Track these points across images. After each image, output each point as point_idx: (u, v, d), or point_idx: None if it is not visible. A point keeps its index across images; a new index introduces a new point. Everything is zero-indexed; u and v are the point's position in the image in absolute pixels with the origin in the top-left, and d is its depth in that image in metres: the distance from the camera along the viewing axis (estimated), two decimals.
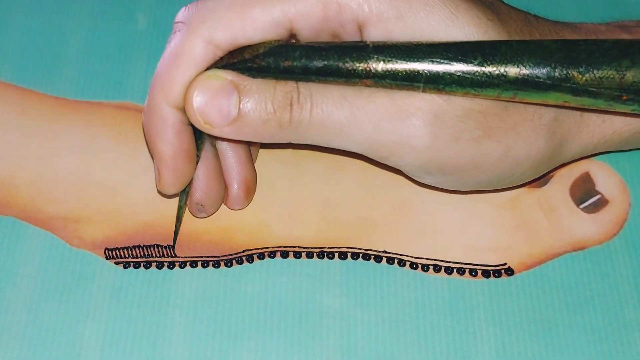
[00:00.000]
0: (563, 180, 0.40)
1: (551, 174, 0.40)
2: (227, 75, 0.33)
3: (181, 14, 0.33)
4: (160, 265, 0.37)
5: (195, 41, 0.32)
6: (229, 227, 0.39)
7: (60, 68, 0.43)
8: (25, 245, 0.38)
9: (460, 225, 0.39)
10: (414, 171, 0.35)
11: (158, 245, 0.38)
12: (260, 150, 0.41)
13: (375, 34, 0.32)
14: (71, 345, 0.35)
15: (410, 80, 0.32)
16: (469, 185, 0.36)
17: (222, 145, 0.37)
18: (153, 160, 0.35)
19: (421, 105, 0.32)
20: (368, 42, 0.32)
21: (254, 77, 0.33)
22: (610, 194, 0.40)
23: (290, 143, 0.35)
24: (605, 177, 0.40)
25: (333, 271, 0.38)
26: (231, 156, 0.37)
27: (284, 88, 0.33)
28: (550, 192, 0.40)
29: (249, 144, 0.38)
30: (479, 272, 0.38)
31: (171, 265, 0.37)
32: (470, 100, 0.33)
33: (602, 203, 0.40)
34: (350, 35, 0.33)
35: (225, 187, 0.38)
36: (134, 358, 0.35)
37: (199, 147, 0.35)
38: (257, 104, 0.33)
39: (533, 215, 0.39)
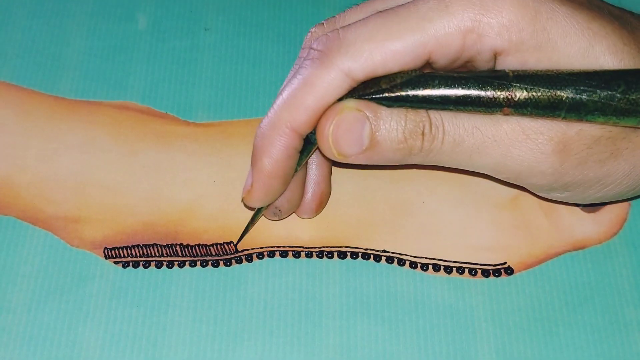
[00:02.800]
0: None
1: None
2: (360, 106, 0.33)
3: (320, 43, 0.33)
4: (159, 265, 0.37)
5: (333, 73, 0.32)
6: (228, 226, 0.39)
7: (61, 68, 0.43)
8: (25, 245, 0.38)
9: (460, 224, 0.39)
10: (538, 190, 0.36)
11: (157, 245, 0.38)
12: None
13: (511, 62, 0.33)
14: (71, 344, 0.35)
15: (552, 109, 0.32)
16: (591, 199, 0.36)
17: (311, 157, 0.38)
18: (251, 171, 0.35)
19: (551, 135, 0.33)
20: (507, 71, 0.32)
21: (389, 106, 0.33)
22: None
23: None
24: None
25: (332, 271, 0.38)
26: (315, 169, 0.38)
27: (416, 117, 0.33)
28: None
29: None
30: (479, 271, 0.38)
31: (170, 265, 0.38)
32: (600, 128, 0.33)
33: (601, 203, 0.40)
34: (483, 62, 0.33)
35: (302, 195, 0.38)
36: (133, 357, 0.35)
37: (299, 164, 0.35)
38: (389, 133, 0.33)
39: (533, 214, 0.39)
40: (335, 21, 0.36)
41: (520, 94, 0.32)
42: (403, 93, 0.33)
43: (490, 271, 0.38)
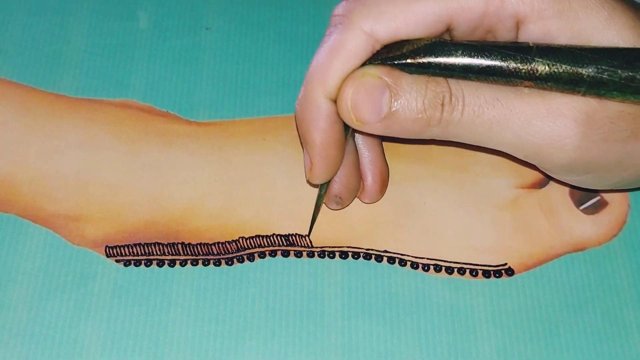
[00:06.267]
0: None
1: None
2: (380, 73, 0.33)
3: (341, 7, 0.33)
4: (161, 264, 0.37)
5: (356, 34, 0.32)
6: (230, 225, 0.39)
7: (62, 66, 0.43)
8: (26, 243, 0.38)
9: (461, 225, 0.39)
10: (557, 170, 0.35)
11: (159, 244, 0.38)
12: (260, 150, 0.41)
13: (533, 31, 0.33)
14: (72, 343, 0.35)
15: (572, 85, 0.32)
16: (609, 184, 0.36)
17: (359, 140, 0.38)
18: (304, 150, 0.35)
19: (575, 105, 0.33)
20: (531, 44, 0.32)
21: (411, 73, 0.33)
22: (610, 196, 0.40)
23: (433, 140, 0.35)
24: None
25: (334, 271, 0.38)
26: (368, 151, 0.38)
27: (436, 87, 0.33)
28: (551, 194, 0.40)
29: (385, 138, 0.38)
30: (480, 272, 0.38)
31: (172, 264, 0.37)
32: (622, 103, 0.33)
33: (601, 204, 0.40)
34: (506, 30, 0.33)
35: (360, 180, 0.38)
36: (135, 356, 0.35)
37: (347, 130, 0.35)
38: (408, 102, 0.33)
39: (533, 216, 0.39)
40: None
41: (542, 69, 0.32)
42: (425, 60, 0.33)
43: (491, 272, 0.38)
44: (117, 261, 0.37)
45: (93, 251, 0.38)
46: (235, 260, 0.38)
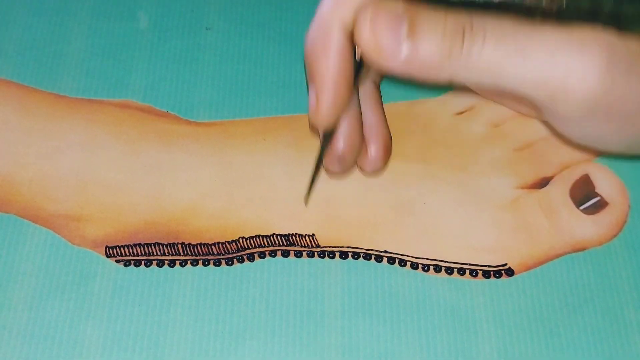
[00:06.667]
0: (563, 181, 0.40)
1: (552, 175, 0.40)
2: (399, 1, 0.31)
3: None
4: (161, 264, 0.37)
5: None
6: (230, 225, 0.39)
7: (62, 66, 0.43)
8: (26, 243, 0.38)
9: (461, 225, 0.39)
10: (577, 114, 0.33)
11: (159, 244, 0.38)
12: (260, 150, 0.41)
13: None
14: (72, 343, 0.35)
15: (592, 16, 0.32)
16: (627, 141, 0.34)
17: (362, 101, 0.36)
18: (310, 88, 0.34)
19: (598, 36, 0.32)
20: None
21: (430, 3, 0.32)
22: (610, 196, 0.40)
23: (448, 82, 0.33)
24: (604, 179, 0.40)
25: (334, 271, 0.38)
26: (371, 115, 0.37)
27: (457, 18, 0.32)
28: (551, 194, 0.40)
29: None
30: (480, 272, 0.38)
31: (172, 264, 0.38)
32: None
33: (601, 205, 0.40)
34: None
35: (363, 143, 0.37)
36: (135, 356, 0.35)
37: (356, 75, 0.34)
38: (428, 29, 0.31)
39: (533, 216, 0.39)
40: None
41: (563, 1, 0.32)
42: None
43: (491, 272, 0.38)
44: (117, 261, 0.37)
45: (93, 251, 0.38)
46: (235, 260, 0.38)
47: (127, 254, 0.38)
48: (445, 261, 0.38)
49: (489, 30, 0.32)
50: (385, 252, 0.38)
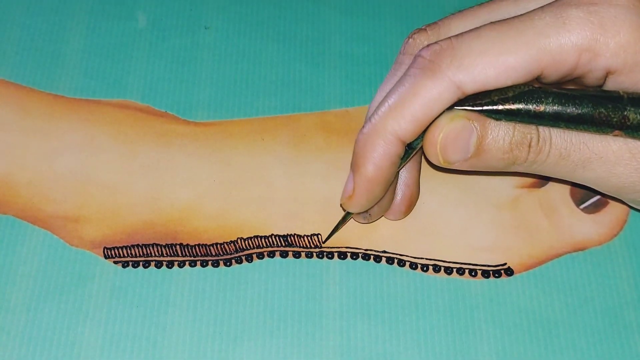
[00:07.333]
0: None
1: None
2: (470, 117, 0.33)
3: (429, 52, 0.33)
4: (159, 265, 0.37)
5: (444, 84, 0.32)
6: (228, 226, 0.39)
7: (60, 66, 0.43)
8: (24, 244, 0.38)
9: (460, 225, 0.39)
10: (635, 204, 0.37)
11: (157, 245, 0.38)
12: (259, 150, 0.41)
13: (622, 82, 0.33)
14: (70, 344, 0.35)
15: None
16: None
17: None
18: (352, 174, 0.35)
19: None
20: (622, 93, 0.32)
21: (498, 119, 0.33)
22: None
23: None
24: None
25: (332, 271, 0.38)
26: (405, 172, 0.38)
27: (524, 129, 0.33)
28: (551, 193, 0.40)
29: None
30: (479, 272, 0.38)
31: (170, 265, 0.37)
32: None
33: (602, 204, 0.40)
34: (594, 79, 0.33)
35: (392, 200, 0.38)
36: (133, 357, 0.35)
37: (398, 170, 0.36)
38: (495, 142, 0.33)
39: (533, 215, 0.39)
40: (439, 28, 0.36)
41: (633, 118, 0.32)
42: (514, 107, 0.32)
43: (490, 272, 0.38)
44: (115, 262, 0.37)
45: (91, 252, 0.38)
46: (233, 261, 0.38)
47: (125, 255, 0.38)
48: (444, 261, 0.38)
49: (555, 143, 0.33)
50: (384, 252, 0.38)
